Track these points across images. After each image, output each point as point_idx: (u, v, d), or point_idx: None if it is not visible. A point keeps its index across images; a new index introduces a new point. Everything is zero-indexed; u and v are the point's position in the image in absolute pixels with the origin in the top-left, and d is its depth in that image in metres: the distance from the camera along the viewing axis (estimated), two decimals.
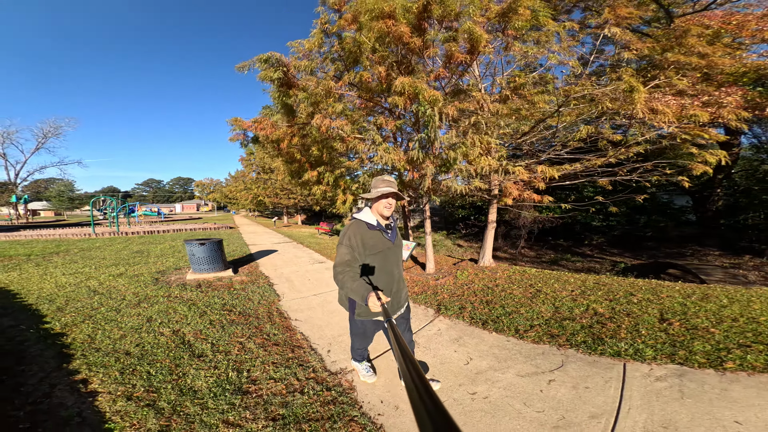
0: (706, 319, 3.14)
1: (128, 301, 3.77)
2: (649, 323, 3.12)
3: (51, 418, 1.80)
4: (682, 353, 2.53)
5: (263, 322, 3.21)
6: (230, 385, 2.10)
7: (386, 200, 1.76)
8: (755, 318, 3.09)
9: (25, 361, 2.44)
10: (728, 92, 7.49)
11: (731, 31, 8.34)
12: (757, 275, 9.77)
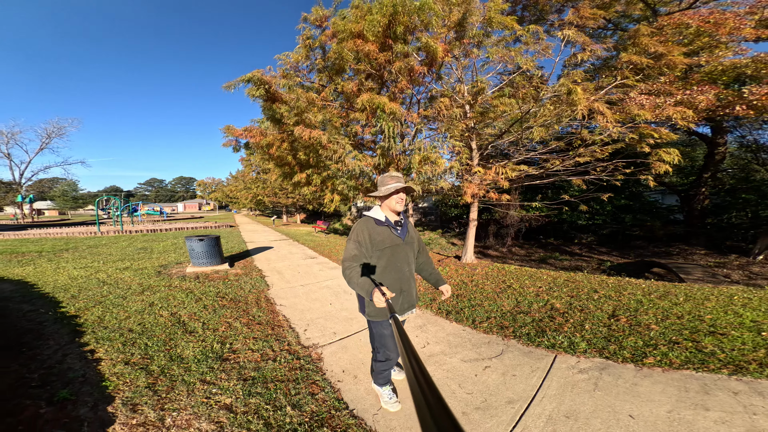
0: (654, 315, 3.30)
1: (133, 290, 4.22)
2: (597, 318, 3.30)
3: (59, 378, 2.20)
4: (613, 348, 2.67)
5: (251, 307, 3.64)
6: (213, 354, 2.52)
7: (397, 195, 1.78)
8: (701, 316, 3.23)
9: (43, 337, 2.87)
10: (702, 91, 7.68)
11: (708, 30, 8.43)
12: (740, 274, 9.82)
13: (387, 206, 1.83)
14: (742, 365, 2.36)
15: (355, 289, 1.61)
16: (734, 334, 2.84)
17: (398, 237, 1.83)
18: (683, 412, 1.90)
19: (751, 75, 8.26)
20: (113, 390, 2.05)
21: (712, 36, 8.61)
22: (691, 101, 7.19)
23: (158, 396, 1.99)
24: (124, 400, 1.95)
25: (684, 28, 8.71)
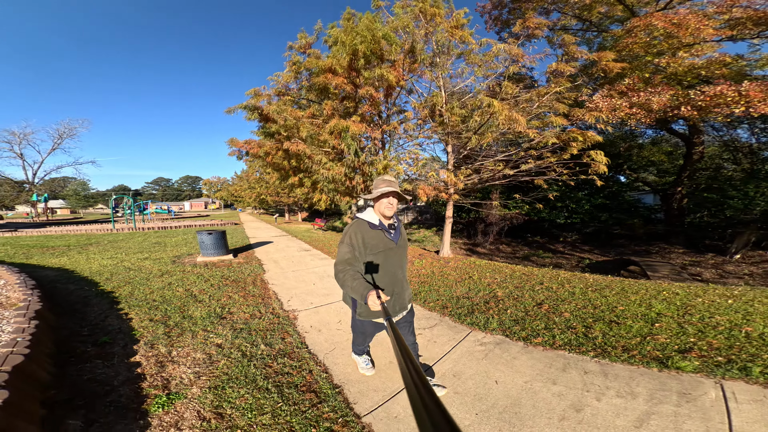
0: (575, 305, 3.66)
1: (154, 274, 5.18)
2: (523, 306, 3.72)
3: (102, 330, 3.09)
4: (516, 328, 3.05)
5: (248, 285, 4.57)
6: (214, 315, 3.43)
7: (387, 199, 1.76)
8: (615, 307, 3.55)
9: (89, 306, 3.80)
10: (658, 92, 8.04)
11: (672, 31, 8.56)
12: (712, 273, 10.09)
13: (377, 209, 1.82)
14: (608, 350, 2.62)
15: (349, 292, 1.60)
16: (629, 323, 3.12)
17: (391, 240, 1.82)
18: (535, 384, 2.19)
19: (705, 76, 8.63)
20: (139, 336, 2.94)
21: (673, 37, 8.77)
22: (646, 103, 7.67)
23: (170, 339, 2.88)
24: (145, 341, 2.83)
25: (653, 29, 8.95)
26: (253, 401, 1.99)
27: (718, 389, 2.12)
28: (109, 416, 1.84)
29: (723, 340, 2.72)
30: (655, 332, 2.94)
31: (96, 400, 1.98)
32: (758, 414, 1.86)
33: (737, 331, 2.86)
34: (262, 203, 24.25)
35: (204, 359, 2.52)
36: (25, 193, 42.84)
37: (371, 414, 1.91)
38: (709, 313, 3.30)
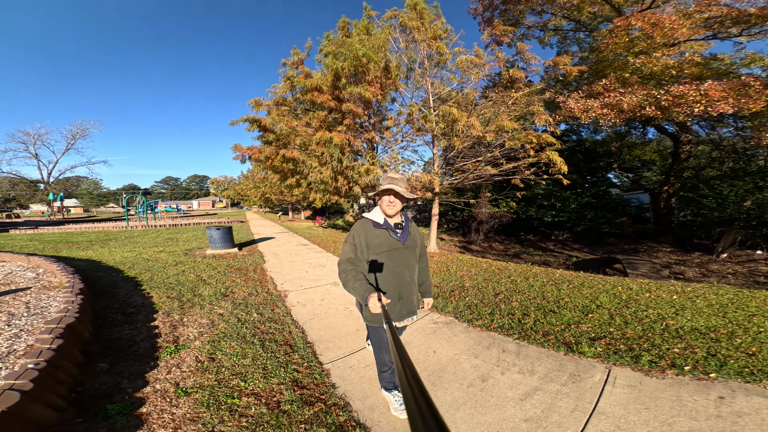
0: (527, 295, 3.95)
1: (169, 264, 5.96)
2: (482, 295, 4.07)
3: (129, 304, 3.83)
4: (466, 312, 3.41)
5: (249, 272, 5.31)
6: (219, 293, 4.17)
7: (387, 197, 1.71)
8: (563, 297, 3.84)
9: (117, 288, 4.56)
10: (629, 93, 8.21)
11: (647, 31, 8.70)
12: (696, 272, 10.06)
13: (380, 207, 1.78)
14: (531, 334, 2.91)
15: (351, 292, 1.58)
16: (564, 312, 3.39)
17: (397, 240, 1.76)
18: (461, 356, 2.51)
19: (677, 75, 8.71)
20: (158, 308, 3.67)
21: (650, 37, 8.88)
22: (618, 104, 7.98)
23: (183, 310, 3.61)
24: (163, 311, 3.56)
25: (632, 30, 9.10)
26: (240, 350, 2.68)
27: (604, 373, 2.29)
28: (129, 361, 2.53)
29: (639, 331, 2.91)
30: (582, 321, 3.17)
31: (121, 351, 2.69)
32: (626, 398, 2.00)
33: (659, 324, 3.02)
34: (267, 202, 25.15)
35: (207, 323, 3.24)
36: (40, 192, 44.45)
37: (331, 363, 2.56)
38: (645, 307, 3.47)
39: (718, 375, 2.22)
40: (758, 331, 2.78)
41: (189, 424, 1.80)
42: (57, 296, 3.77)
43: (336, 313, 3.62)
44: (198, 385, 2.18)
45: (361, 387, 2.20)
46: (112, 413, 1.88)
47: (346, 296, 4.22)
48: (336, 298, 4.17)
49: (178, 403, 1.99)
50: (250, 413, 1.89)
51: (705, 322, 3.02)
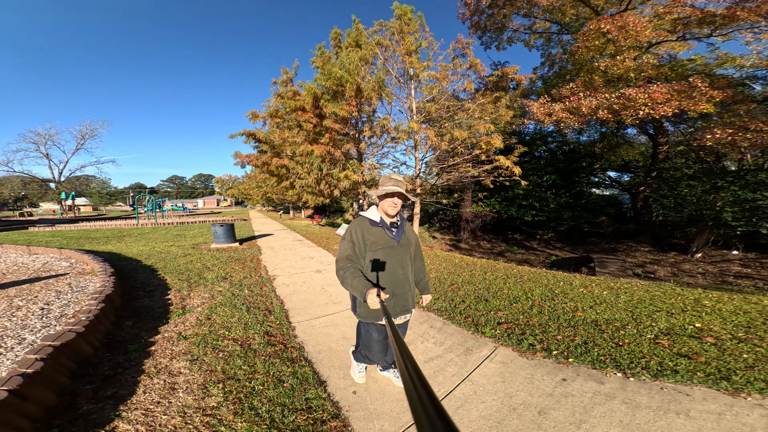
0: (475, 287, 4.46)
1: (179, 255, 6.94)
2: (440, 285, 4.67)
3: (148, 284, 4.76)
4: None
5: (247, 262, 6.26)
6: (220, 277, 5.12)
7: (392, 199, 1.76)
8: (502, 288, 4.35)
9: (138, 273, 5.52)
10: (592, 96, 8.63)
11: (615, 34, 8.91)
12: (668, 271, 10.34)
13: (381, 207, 1.83)
14: (455, 316, 3.41)
15: (348, 289, 1.60)
16: (494, 301, 3.87)
17: (393, 239, 1.82)
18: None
19: (634, 78, 9.00)
20: (171, 287, 4.61)
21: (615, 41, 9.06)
22: (578, 107, 8.48)
23: (190, 288, 4.55)
24: (175, 289, 4.50)
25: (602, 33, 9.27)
26: (230, 313, 3.60)
27: (490, 350, 2.69)
28: (148, 320, 3.44)
29: (543, 320, 3.27)
30: (503, 309, 3.60)
31: (142, 314, 3.61)
32: (494, 371, 2.40)
33: (567, 315, 3.37)
34: (269, 201, 26.18)
35: (208, 297, 4.18)
36: (52, 191, 45.95)
37: (298, 323, 3.44)
38: (568, 300, 3.83)
39: (575, 360, 2.51)
40: (646, 326, 3.05)
41: (181, 355, 2.69)
42: (92, 279, 4.75)
43: (312, 291, 4.54)
44: (194, 333, 3.09)
45: (316, 338, 3.09)
46: (130, 350, 2.78)
47: (324, 279, 5.14)
48: (315, 281, 5.09)
49: (178, 344, 2.89)
50: (227, 350, 2.78)
51: (608, 316, 3.33)
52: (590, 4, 13.59)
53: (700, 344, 2.73)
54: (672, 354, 2.59)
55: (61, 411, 1.96)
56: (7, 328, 3.06)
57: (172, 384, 2.28)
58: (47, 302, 3.76)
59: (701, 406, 2.00)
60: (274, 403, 2.06)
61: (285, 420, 1.90)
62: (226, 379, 2.32)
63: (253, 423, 1.87)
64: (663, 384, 2.23)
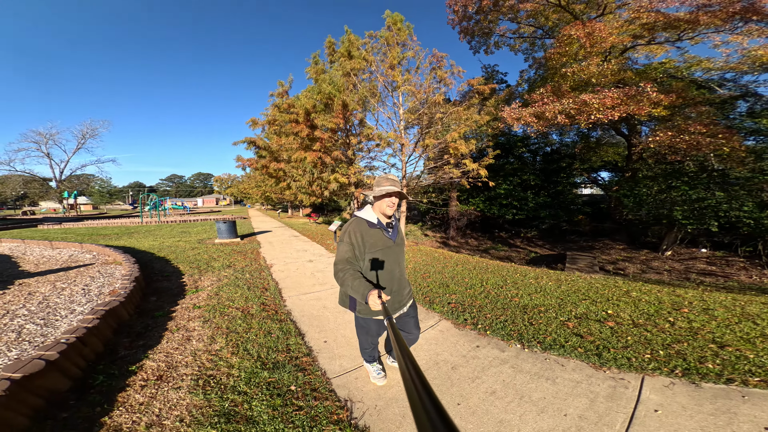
0: (443, 276, 5.11)
1: (187, 248, 7.81)
2: (413, 275, 5.29)
3: (165, 271, 5.62)
4: None
5: (247, 254, 7.12)
6: (225, 265, 5.99)
7: (389, 199, 1.78)
8: (464, 278, 4.96)
9: (154, 263, 6.38)
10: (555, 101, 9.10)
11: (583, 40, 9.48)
12: (637, 268, 10.87)
13: (378, 208, 1.84)
14: (418, 297, 4.10)
15: (349, 291, 1.61)
16: (453, 287, 4.48)
17: (389, 239, 1.86)
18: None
19: (596, 83, 9.48)
20: (184, 273, 5.46)
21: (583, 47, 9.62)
22: (543, 112, 9.00)
23: (201, 273, 5.40)
24: (188, 274, 5.35)
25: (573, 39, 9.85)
26: (234, 290, 4.46)
27: (435, 322, 3.37)
28: (168, 296, 4.29)
29: (485, 302, 3.87)
30: (456, 293, 4.23)
31: (163, 293, 4.46)
32: (433, 336, 3.03)
33: (506, 299, 3.98)
34: (268, 200, 26.99)
35: (216, 279, 5.05)
36: (53, 190, 46.48)
37: (288, 297, 4.30)
38: (514, 288, 4.44)
39: (492, 333, 3.08)
40: (565, 311, 3.55)
41: (195, 318, 3.53)
42: (117, 267, 5.60)
43: (303, 276, 5.42)
44: (206, 304, 3.95)
45: (302, 308, 3.95)
46: (156, 315, 3.63)
47: (314, 267, 6.00)
48: (306, 268, 5.98)
49: (193, 312, 3.74)
50: (231, 314, 3.63)
51: (539, 302, 3.84)
52: (570, 10, 14.15)
53: (599, 327, 3.17)
54: (569, 333, 3.04)
55: (106, 355, 2.77)
56: (58, 304, 3.92)
57: (188, 336, 3.14)
58: (85, 284, 4.63)
59: (567, 375, 2.40)
60: (262, 346, 2.90)
61: (269, 357, 2.73)
62: (228, 332, 3.17)
63: (244, 358, 2.69)
64: (548, 356, 2.68)
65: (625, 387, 2.25)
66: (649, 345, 2.81)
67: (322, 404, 2.10)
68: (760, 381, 2.26)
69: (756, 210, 7.93)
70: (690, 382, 2.29)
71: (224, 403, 2.09)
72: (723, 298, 4.03)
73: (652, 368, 2.46)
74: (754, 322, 3.22)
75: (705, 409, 2.02)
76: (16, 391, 1.94)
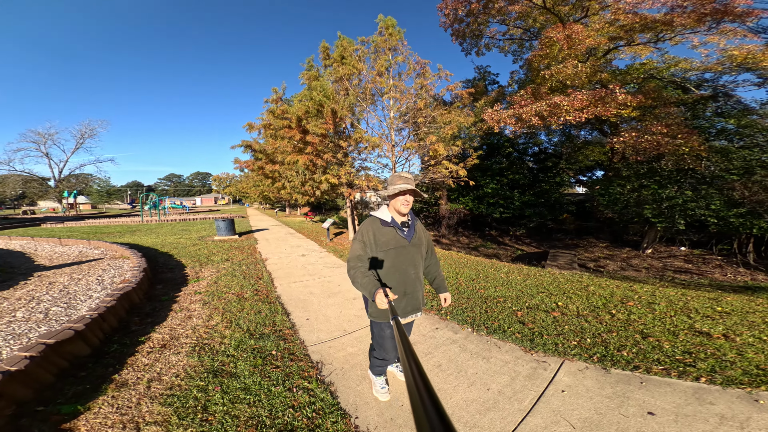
0: None
1: (189, 245, 8.36)
2: None
3: (170, 264, 6.17)
4: None
5: (245, 249, 7.68)
6: (224, 259, 6.54)
7: (404, 197, 1.77)
8: (444, 270, 5.37)
9: (158, 257, 6.92)
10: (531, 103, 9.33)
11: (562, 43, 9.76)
12: (617, 266, 11.09)
13: (393, 206, 1.84)
14: None
15: (359, 288, 1.65)
16: None
17: (404, 238, 1.84)
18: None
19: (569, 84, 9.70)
20: (186, 266, 6.00)
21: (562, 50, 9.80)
22: (520, 114, 9.40)
23: (201, 266, 5.96)
24: (190, 267, 5.90)
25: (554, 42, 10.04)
26: (231, 279, 5.02)
27: None
28: (173, 285, 4.84)
29: (454, 292, 4.31)
30: None
31: (168, 282, 5.01)
32: None
33: (474, 291, 4.41)
34: (266, 199, 27.49)
35: (215, 271, 5.61)
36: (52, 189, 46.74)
37: (280, 285, 4.86)
38: (483, 281, 4.91)
39: (451, 318, 3.52)
40: (521, 301, 3.93)
41: (197, 302, 4.08)
42: (124, 261, 6.15)
43: (295, 268, 5.99)
44: (205, 291, 4.50)
45: (290, 293, 4.51)
46: (163, 299, 4.18)
47: (306, 260, 6.56)
48: (299, 261, 6.54)
49: (194, 297, 4.29)
50: (227, 298, 4.18)
51: (501, 293, 4.29)
52: (555, 11, 14.53)
53: (544, 316, 3.46)
54: (515, 320, 3.39)
55: (120, 330, 3.31)
56: (77, 291, 4.47)
57: (189, 315, 3.69)
58: (98, 275, 5.18)
59: (500, 355, 2.72)
60: (252, 322, 3.46)
61: (257, 329, 3.27)
62: (224, 312, 3.72)
63: (235, 331, 3.23)
64: (490, 338, 3.04)
65: (544, 369, 2.51)
66: (582, 333, 3.07)
67: (297, 364, 2.63)
68: (662, 369, 2.45)
69: (723, 208, 8.45)
70: (602, 367, 2.51)
71: (214, 363, 2.63)
72: (673, 293, 4.24)
73: (573, 354, 2.71)
74: (688, 316, 3.45)
75: (605, 392, 2.21)
76: (48, 354, 2.48)
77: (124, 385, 2.33)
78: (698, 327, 3.20)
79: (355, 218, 9.11)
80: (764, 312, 3.58)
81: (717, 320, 3.36)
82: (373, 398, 2.22)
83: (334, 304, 4.09)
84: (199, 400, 2.14)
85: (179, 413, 2.00)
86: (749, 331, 3.07)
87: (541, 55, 11.07)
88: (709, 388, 2.24)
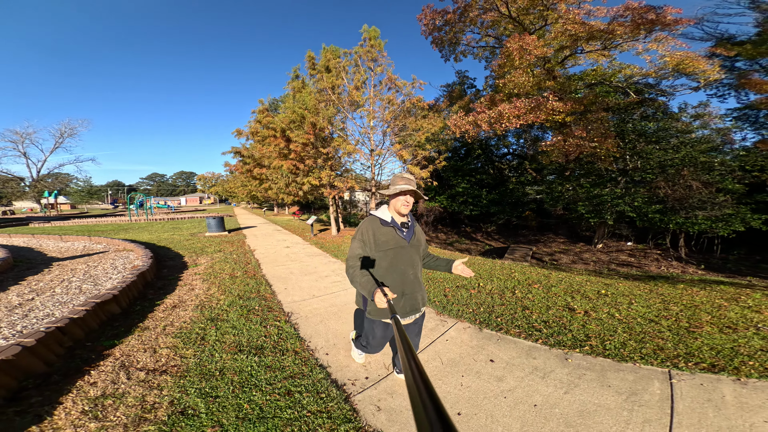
0: None
1: (183, 240, 9.32)
2: None
3: (169, 255, 7.19)
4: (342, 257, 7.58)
5: (235, 243, 8.74)
6: (216, 251, 7.59)
7: (404, 197, 1.78)
8: None
9: (158, 251, 7.84)
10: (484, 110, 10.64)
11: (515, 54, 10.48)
12: (569, 259, 12.10)
13: (393, 207, 1.85)
14: None
15: (357, 288, 1.66)
16: None
17: (403, 239, 1.85)
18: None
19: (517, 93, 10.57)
20: (184, 256, 7.02)
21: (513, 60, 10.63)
22: (476, 120, 10.51)
23: (197, 256, 7.00)
24: (187, 256, 6.92)
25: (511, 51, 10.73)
26: (224, 264, 6.12)
27: None
28: (175, 269, 5.87)
29: None
30: None
31: (171, 267, 6.03)
32: None
33: (434, 279, 5.10)
34: (254, 198, 28.14)
35: (210, 259, 6.68)
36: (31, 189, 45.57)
37: (265, 267, 6.00)
38: None
39: None
40: (452, 282, 4.76)
41: (197, 279, 5.16)
42: (129, 253, 7.13)
43: (280, 256, 7.15)
44: (203, 273, 5.58)
45: (274, 273, 5.65)
46: (170, 278, 5.25)
47: (290, 251, 7.69)
48: (283, 251, 7.68)
49: (195, 276, 5.36)
50: (221, 277, 5.27)
51: (440, 276, 5.16)
52: (519, 21, 15.76)
53: (463, 293, 4.33)
54: (440, 295, 4.28)
55: (140, 298, 4.37)
56: (98, 274, 5.47)
57: (192, 288, 4.79)
58: (111, 263, 6.17)
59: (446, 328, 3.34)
60: (242, 290, 4.58)
61: (245, 295, 4.39)
62: (219, 285, 4.83)
63: (228, 296, 4.33)
64: (444, 318, 4.19)
65: (443, 326, 3.36)
66: (481, 305, 3.85)
67: (272, 314, 3.78)
68: (518, 332, 3.16)
69: (645, 206, 10.00)
70: (478, 328, 3.29)
71: (212, 314, 3.74)
72: (580, 279, 5.01)
73: (466, 317, 3.55)
74: (572, 297, 4.07)
75: (472, 344, 2.95)
76: (96, 309, 3.55)
77: (146, 329, 3.38)
78: (571, 305, 3.81)
79: (339, 216, 10.25)
80: (639, 295, 4.14)
81: (592, 300, 3.94)
82: (323, 330, 3.40)
83: (308, 279, 5.29)
84: (199, 334, 3.22)
85: (184, 341, 3.08)
86: (607, 310, 3.64)
87: (500, 64, 12.22)
88: (539, 347, 2.86)
